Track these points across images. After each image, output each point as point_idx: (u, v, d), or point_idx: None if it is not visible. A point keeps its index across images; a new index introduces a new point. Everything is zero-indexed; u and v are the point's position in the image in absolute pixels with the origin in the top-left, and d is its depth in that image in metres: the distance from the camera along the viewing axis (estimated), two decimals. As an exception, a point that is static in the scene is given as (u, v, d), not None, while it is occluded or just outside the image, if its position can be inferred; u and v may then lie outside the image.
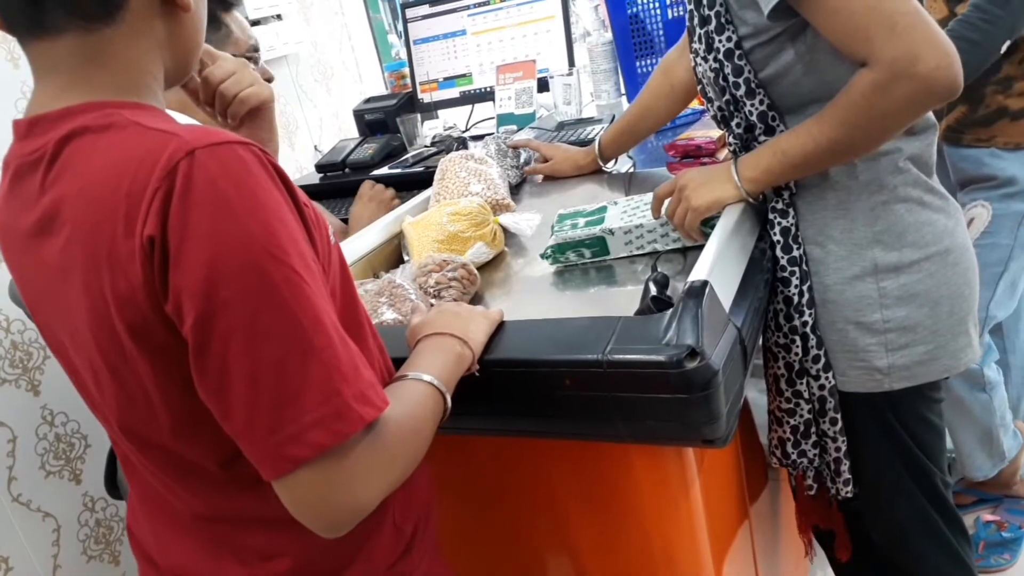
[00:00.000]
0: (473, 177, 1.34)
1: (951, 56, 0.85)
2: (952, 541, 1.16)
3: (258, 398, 0.57)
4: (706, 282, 0.83)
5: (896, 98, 0.87)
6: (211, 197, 0.56)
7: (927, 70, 0.84)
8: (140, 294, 0.57)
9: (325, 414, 0.58)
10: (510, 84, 2.04)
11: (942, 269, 1.02)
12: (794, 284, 1.03)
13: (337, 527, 0.62)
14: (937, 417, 1.13)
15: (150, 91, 0.67)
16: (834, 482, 1.14)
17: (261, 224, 0.57)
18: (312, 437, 0.57)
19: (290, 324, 0.57)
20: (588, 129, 1.73)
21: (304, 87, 2.48)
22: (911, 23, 0.84)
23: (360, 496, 0.61)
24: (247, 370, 0.57)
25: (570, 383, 0.82)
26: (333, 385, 0.58)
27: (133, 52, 0.64)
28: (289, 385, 0.57)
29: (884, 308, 1.02)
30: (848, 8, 0.85)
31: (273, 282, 0.57)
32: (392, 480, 0.65)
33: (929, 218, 1.02)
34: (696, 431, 0.79)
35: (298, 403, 0.57)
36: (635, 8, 1.89)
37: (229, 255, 0.56)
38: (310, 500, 0.60)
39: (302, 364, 0.57)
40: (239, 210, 0.56)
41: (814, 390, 1.08)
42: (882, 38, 0.85)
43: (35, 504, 1.62)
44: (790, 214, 1.03)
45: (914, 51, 0.84)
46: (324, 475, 0.59)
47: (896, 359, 1.04)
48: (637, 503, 0.95)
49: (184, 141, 0.57)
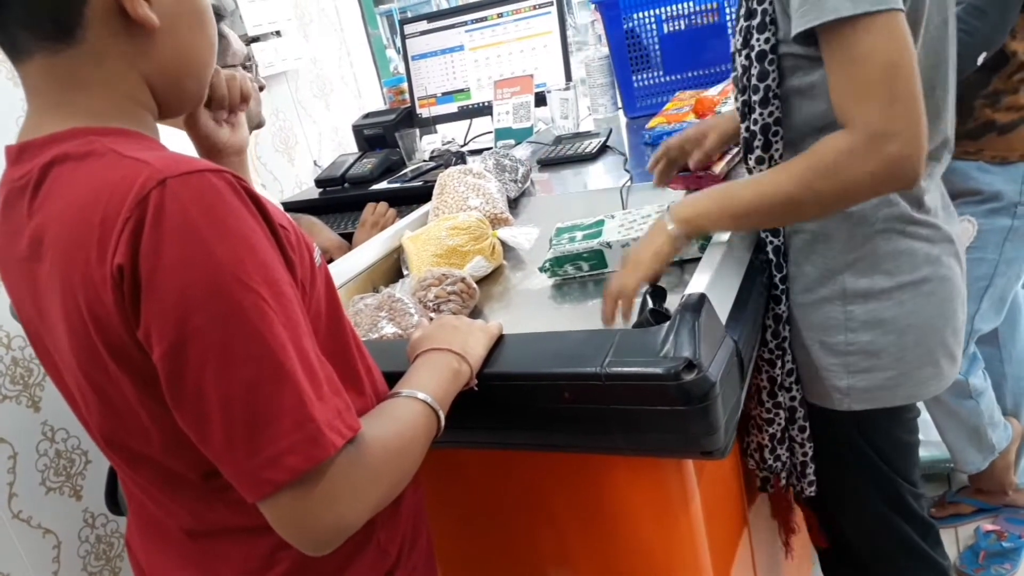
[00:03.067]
0: (472, 191, 1.35)
1: (922, 152, 0.84)
2: (920, 544, 1.18)
3: (233, 423, 0.58)
4: (703, 295, 0.84)
5: (862, 169, 0.85)
6: (181, 226, 0.56)
7: (897, 153, 0.83)
8: (114, 319, 0.58)
9: (299, 439, 0.58)
10: (508, 99, 2.06)
11: (914, 299, 1.01)
12: (783, 301, 1.05)
13: (322, 545, 0.63)
14: (907, 433, 1.15)
15: (134, 116, 0.67)
16: (799, 481, 1.18)
17: (230, 252, 0.58)
18: (288, 462, 0.58)
19: (260, 350, 0.58)
20: (586, 143, 1.75)
21: (303, 103, 2.50)
22: (909, 107, 0.83)
23: (343, 514, 0.62)
24: (220, 396, 0.57)
25: (569, 396, 0.83)
26: (306, 410, 0.59)
27: (104, 73, 0.64)
28: (262, 411, 0.58)
29: (849, 331, 1.03)
30: (867, 64, 0.83)
31: (242, 308, 0.57)
32: (378, 497, 0.65)
33: (909, 247, 1.01)
34: (695, 443, 0.80)
35: (272, 428, 0.58)
36: (631, 23, 1.91)
37: (198, 283, 0.56)
38: (293, 520, 0.61)
39: (274, 389, 0.58)
40: (209, 238, 0.57)
41: (787, 400, 1.11)
42: (878, 106, 0.83)
43: (35, 520, 1.61)
44: (780, 232, 1.04)
45: (896, 131, 0.83)
46: (304, 496, 0.60)
47: (856, 381, 1.05)
48: (637, 516, 0.96)
49: (156, 170, 0.57)
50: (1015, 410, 1.84)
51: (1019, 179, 1.52)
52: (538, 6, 2.09)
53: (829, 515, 1.24)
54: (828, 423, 1.11)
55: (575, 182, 1.60)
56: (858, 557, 1.22)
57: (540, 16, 2.09)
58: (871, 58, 0.83)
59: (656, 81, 1.94)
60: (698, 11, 1.81)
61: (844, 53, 0.84)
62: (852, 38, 0.83)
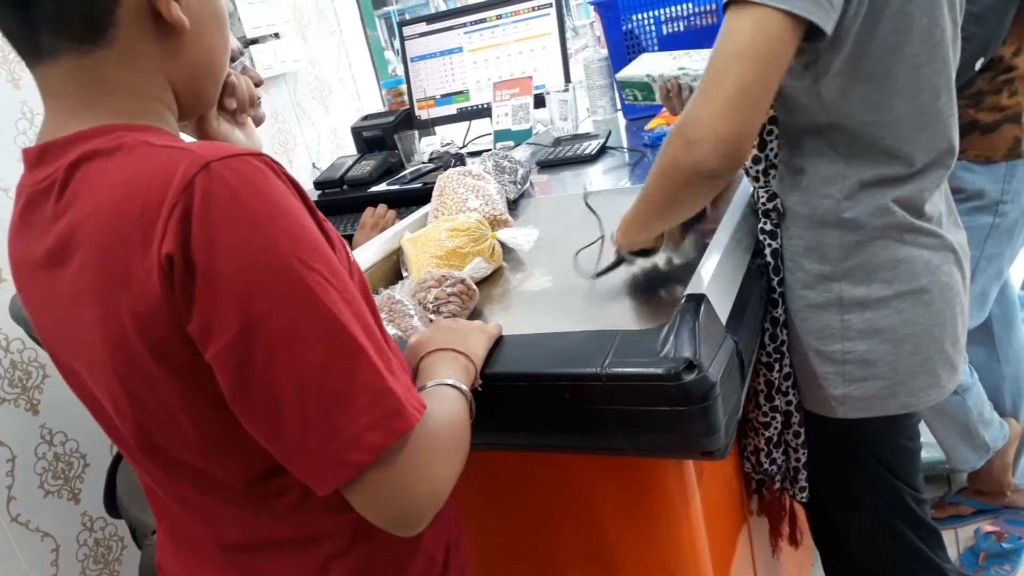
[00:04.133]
0: (471, 193, 1.35)
1: (720, 143, 0.82)
2: (924, 549, 1.17)
3: (309, 406, 0.56)
4: (703, 295, 0.84)
5: (667, 153, 0.86)
6: (232, 209, 0.55)
7: (691, 137, 0.83)
8: (160, 314, 0.56)
9: (381, 414, 0.57)
10: (507, 100, 2.06)
11: (913, 308, 1.01)
12: (781, 305, 1.05)
13: (415, 521, 0.62)
14: (908, 439, 1.14)
15: (158, 116, 0.66)
16: (792, 486, 1.18)
17: (286, 232, 0.57)
18: (371, 439, 0.57)
19: (331, 327, 0.56)
20: (584, 144, 1.75)
21: (302, 105, 2.50)
22: (721, 93, 0.81)
23: (434, 485, 0.62)
24: (294, 380, 0.56)
25: (570, 396, 0.83)
26: (384, 383, 0.58)
27: (132, 74, 0.63)
28: (339, 388, 0.56)
29: (846, 340, 1.03)
30: (719, 46, 0.83)
31: (308, 287, 0.56)
32: (453, 472, 0.65)
33: (908, 254, 1.00)
34: (695, 443, 0.80)
35: (352, 406, 0.57)
36: (630, 24, 1.91)
37: (259, 266, 0.55)
38: (384, 500, 0.60)
39: (349, 365, 0.57)
40: (263, 219, 0.56)
41: (783, 405, 1.11)
42: (698, 94, 0.83)
43: (34, 524, 1.61)
44: (778, 236, 1.04)
45: (700, 116, 0.82)
46: (391, 474, 0.58)
47: (852, 390, 1.05)
48: (638, 516, 0.96)
49: (197, 155, 0.56)
50: (1014, 411, 1.84)
51: (1001, 178, 1.54)
52: (537, 8, 2.09)
53: (830, 520, 1.23)
54: (829, 430, 1.11)
55: (574, 184, 1.60)
56: (860, 561, 1.22)
57: (539, 18, 2.09)
58: (726, 40, 0.83)
59: (655, 83, 1.94)
60: (697, 12, 1.82)
61: (720, 32, 0.84)
62: (734, 15, 0.83)
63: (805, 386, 1.09)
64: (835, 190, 0.98)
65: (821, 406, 1.08)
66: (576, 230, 1.34)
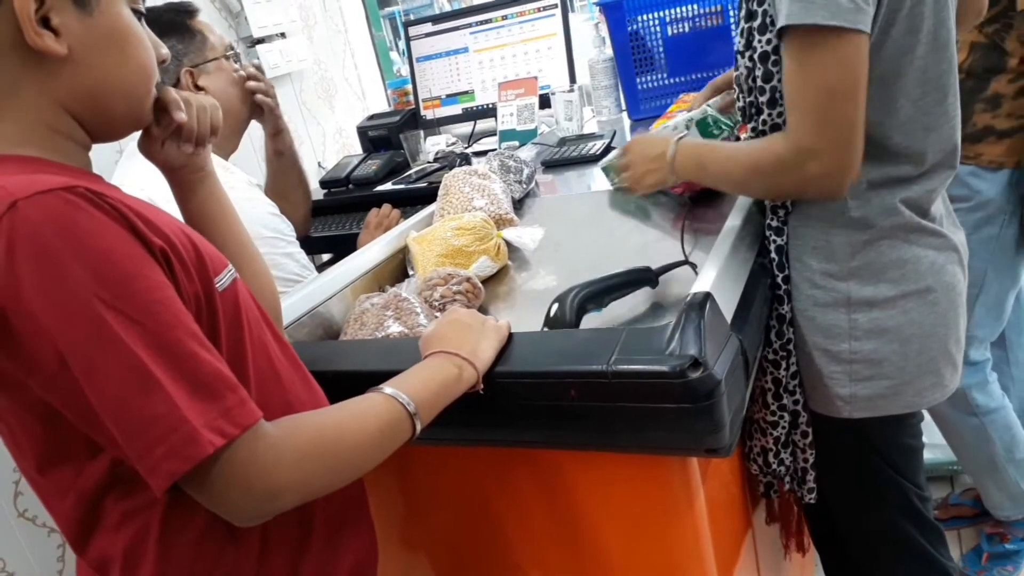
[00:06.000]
0: (476, 192, 1.36)
1: (846, 170, 0.91)
2: (929, 549, 1.17)
3: (121, 429, 0.60)
4: (708, 294, 0.85)
5: (786, 178, 0.94)
6: (33, 249, 0.57)
7: (817, 171, 0.91)
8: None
9: (174, 443, 0.60)
10: (512, 101, 2.06)
11: (919, 307, 1.01)
12: (787, 302, 1.05)
13: (245, 520, 0.66)
14: (911, 438, 1.14)
15: (48, 143, 0.67)
16: (800, 487, 1.17)
17: (87, 271, 0.58)
18: (167, 467, 0.60)
19: (124, 366, 0.59)
20: (589, 145, 1.75)
21: (308, 104, 2.50)
22: (839, 132, 0.89)
23: (268, 489, 0.64)
24: (104, 408, 0.60)
25: (575, 394, 0.83)
26: (178, 414, 0.60)
27: (15, 102, 0.65)
28: (134, 420, 0.59)
29: (853, 339, 1.03)
30: (813, 77, 0.88)
31: (102, 328, 0.58)
32: (304, 477, 0.66)
33: (915, 255, 1.00)
34: (700, 441, 0.80)
35: (146, 436, 0.60)
36: (635, 25, 1.91)
37: (60, 304, 0.58)
38: (208, 501, 0.63)
39: (143, 402, 0.59)
40: (63, 260, 0.57)
41: (790, 404, 1.11)
42: (809, 122, 0.89)
43: (41, 519, 1.62)
44: (784, 232, 1.04)
45: (820, 150, 0.89)
46: (205, 486, 0.62)
47: (858, 389, 1.05)
48: (642, 513, 0.96)
49: (7, 193, 0.58)
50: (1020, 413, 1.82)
51: (1011, 185, 1.51)
52: (542, 8, 2.10)
53: (832, 520, 1.23)
54: (834, 430, 1.11)
55: (579, 183, 1.61)
56: (863, 560, 1.22)
57: (544, 18, 2.10)
58: (817, 73, 0.88)
59: (660, 83, 1.95)
60: (702, 13, 1.82)
61: (797, 56, 0.89)
62: (808, 45, 0.87)
63: (811, 386, 1.09)
64: None
65: (827, 406, 1.09)
66: (581, 229, 1.35)
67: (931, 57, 0.93)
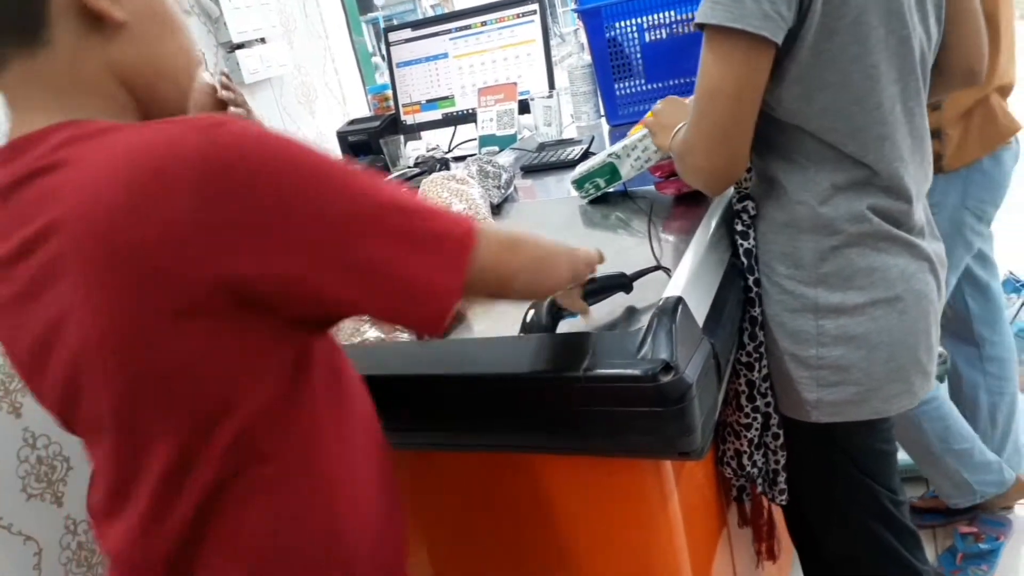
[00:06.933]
0: (455, 197, 1.36)
1: (715, 173, 0.97)
2: (903, 553, 1.18)
3: (404, 249, 0.63)
4: (680, 298, 0.86)
5: (679, 164, 1.04)
6: (248, 155, 0.58)
7: (691, 165, 0.99)
8: (192, 268, 0.56)
9: (456, 226, 0.67)
10: (492, 106, 2.07)
11: (888, 315, 1.02)
12: (759, 305, 1.06)
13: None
14: (883, 443, 1.16)
15: (121, 117, 0.65)
16: (771, 489, 1.19)
17: (303, 147, 0.61)
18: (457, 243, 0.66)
19: (379, 202, 0.63)
20: (568, 150, 1.76)
21: (288, 109, 2.50)
22: (710, 130, 0.93)
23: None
24: (381, 239, 0.62)
25: (549, 398, 0.84)
26: (448, 215, 0.68)
27: (80, 75, 0.63)
28: (421, 229, 0.65)
29: (820, 345, 1.04)
30: (703, 73, 0.93)
31: (336, 173, 0.61)
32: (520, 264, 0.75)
33: (884, 263, 1.01)
34: (672, 444, 0.81)
35: (433, 225, 0.66)
36: (613, 32, 1.93)
37: (300, 177, 0.59)
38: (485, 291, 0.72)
39: (412, 219, 0.64)
40: (279, 151, 0.59)
41: (763, 406, 1.12)
42: (692, 117, 0.96)
43: (16, 528, 1.60)
44: (750, 236, 1.06)
45: (693, 145, 0.97)
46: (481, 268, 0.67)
47: (825, 395, 1.06)
48: (616, 517, 0.97)
49: (190, 124, 0.57)
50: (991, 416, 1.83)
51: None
52: (521, 15, 2.11)
53: (809, 524, 1.25)
54: (804, 434, 1.12)
55: (558, 188, 1.62)
56: (838, 562, 1.23)
57: (524, 24, 2.11)
58: (703, 73, 0.92)
59: (638, 89, 1.96)
60: (679, 20, 1.84)
61: (701, 56, 0.93)
62: (708, 44, 0.91)
63: (780, 389, 1.11)
64: (809, 196, 1.00)
65: (795, 410, 1.10)
66: (559, 234, 1.36)
67: (884, 66, 0.94)
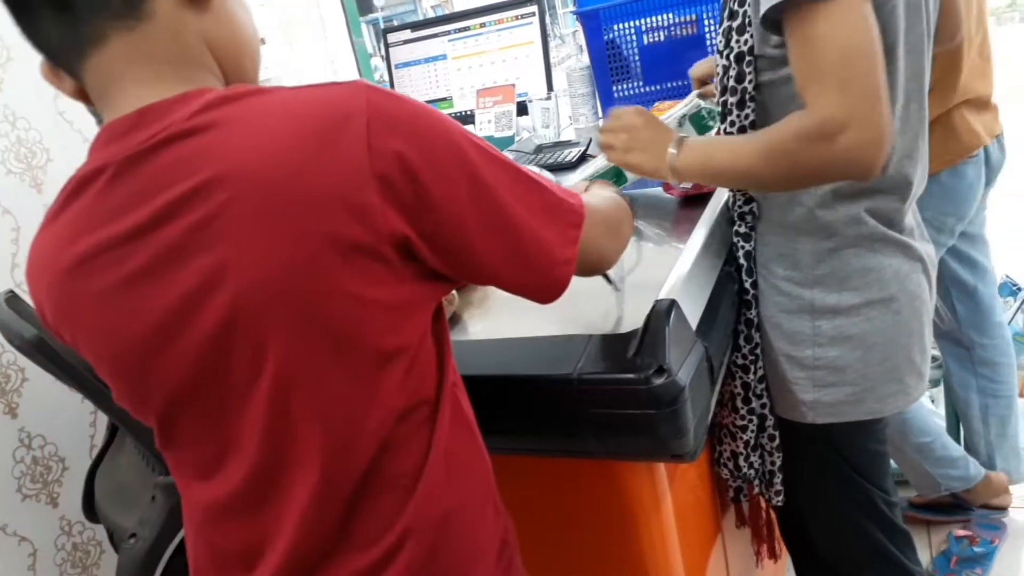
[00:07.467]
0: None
1: (880, 141, 0.80)
2: (895, 552, 1.18)
3: (534, 212, 0.68)
4: (673, 301, 0.86)
5: (812, 155, 0.83)
6: (413, 109, 0.62)
7: (848, 143, 0.79)
8: (369, 220, 0.59)
9: (569, 200, 0.72)
10: (490, 108, 2.07)
11: (882, 316, 1.02)
12: (754, 307, 1.07)
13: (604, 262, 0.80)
14: (876, 443, 1.16)
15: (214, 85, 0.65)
16: (768, 490, 1.19)
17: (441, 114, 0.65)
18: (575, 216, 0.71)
19: (514, 168, 0.68)
20: (566, 152, 1.76)
21: (287, 110, 2.51)
22: (864, 92, 0.79)
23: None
24: (515, 198, 0.67)
25: (543, 400, 0.84)
26: (559, 191, 0.72)
27: (180, 47, 0.63)
28: (546, 197, 0.70)
29: (817, 346, 1.04)
30: (822, 45, 0.80)
31: (477, 144, 0.66)
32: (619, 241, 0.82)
33: (879, 263, 1.01)
34: (664, 446, 0.81)
35: (553, 197, 0.71)
36: (611, 34, 1.93)
37: (457, 139, 0.64)
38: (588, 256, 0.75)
39: (535, 196, 0.69)
40: (427, 112, 0.63)
41: (758, 407, 1.12)
42: (830, 91, 0.80)
43: (11, 528, 1.60)
44: (752, 239, 1.06)
45: (848, 119, 0.79)
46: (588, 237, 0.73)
47: (821, 395, 1.06)
48: (610, 519, 0.97)
49: (348, 85, 0.61)
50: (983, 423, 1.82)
51: None
52: (520, 16, 2.11)
53: (802, 524, 1.25)
54: (799, 435, 1.13)
55: (555, 190, 1.62)
56: (831, 563, 1.23)
57: (522, 26, 2.11)
58: (826, 41, 0.79)
59: (636, 91, 1.97)
60: (677, 23, 1.84)
61: (801, 34, 0.82)
62: (810, 20, 0.80)
63: (776, 390, 1.11)
64: (808, 199, 1.00)
65: (791, 411, 1.10)
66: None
67: (903, 62, 0.93)
